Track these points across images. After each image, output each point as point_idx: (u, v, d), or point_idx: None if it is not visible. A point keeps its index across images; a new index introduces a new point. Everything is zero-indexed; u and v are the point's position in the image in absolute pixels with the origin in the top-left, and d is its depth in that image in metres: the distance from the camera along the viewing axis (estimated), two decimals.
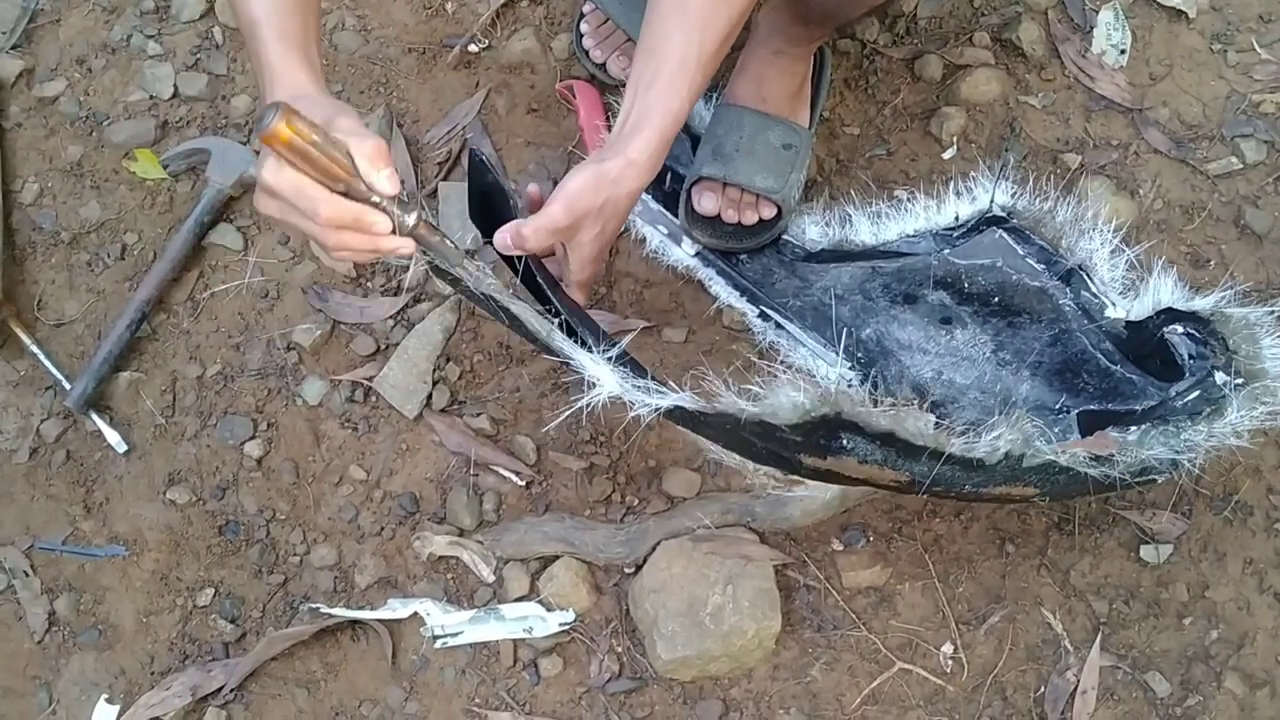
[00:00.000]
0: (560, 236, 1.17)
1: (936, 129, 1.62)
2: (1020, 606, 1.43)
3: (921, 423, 1.09)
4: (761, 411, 1.10)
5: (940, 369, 1.43)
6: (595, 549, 1.44)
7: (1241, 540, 1.44)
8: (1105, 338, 1.39)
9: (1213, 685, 1.39)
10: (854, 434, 1.13)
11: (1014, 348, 1.42)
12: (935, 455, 1.12)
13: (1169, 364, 1.31)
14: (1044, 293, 1.42)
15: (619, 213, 1.18)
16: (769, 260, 1.53)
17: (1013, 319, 1.43)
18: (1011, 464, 1.14)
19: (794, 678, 1.41)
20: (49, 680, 1.48)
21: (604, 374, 1.13)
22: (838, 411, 1.08)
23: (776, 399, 1.09)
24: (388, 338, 1.56)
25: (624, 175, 1.15)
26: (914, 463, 1.15)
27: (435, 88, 1.70)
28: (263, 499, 1.52)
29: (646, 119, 1.14)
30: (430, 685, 1.44)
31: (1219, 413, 1.21)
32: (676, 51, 1.13)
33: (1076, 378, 1.38)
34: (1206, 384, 1.25)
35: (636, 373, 1.15)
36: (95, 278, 1.63)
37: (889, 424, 1.09)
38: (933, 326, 1.45)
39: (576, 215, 1.15)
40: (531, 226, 1.15)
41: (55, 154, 1.70)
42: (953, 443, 1.11)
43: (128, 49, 1.75)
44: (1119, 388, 1.36)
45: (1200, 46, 1.66)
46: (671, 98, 1.14)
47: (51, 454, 1.56)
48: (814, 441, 1.16)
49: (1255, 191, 1.57)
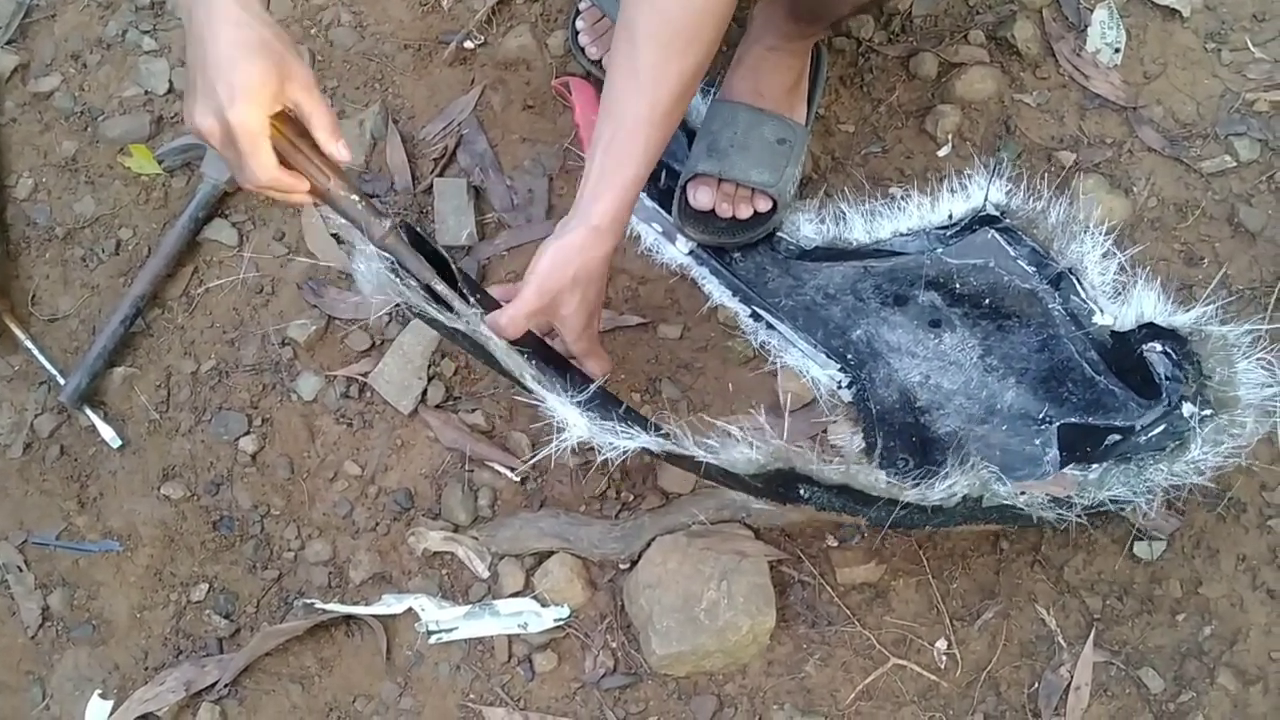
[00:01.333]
0: (541, 316, 1.20)
1: (931, 127, 1.62)
2: (1014, 603, 1.43)
3: (873, 477, 1.14)
4: (720, 461, 1.14)
5: (928, 373, 1.44)
6: (590, 545, 1.44)
7: (1235, 537, 1.44)
8: (1091, 346, 1.39)
9: (1206, 681, 1.40)
10: (810, 485, 1.18)
11: (1001, 353, 1.43)
12: (891, 502, 1.17)
13: (1148, 381, 1.32)
14: (1034, 296, 1.43)
15: (594, 278, 1.21)
16: (762, 258, 1.53)
17: (1002, 322, 1.44)
18: (970, 505, 1.18)
19: (788, 673, 1.41)
20: (42, 676, 1.47)
21: (573, 417, 1.15)
22: (791, 466, 1.13)
23: (730, 454, 1.14)
24: (383, 333, 1.56)
25: (589, 242, 1.18)
26: (871, 509, 1.20)
27: (431, 84, 1.70)
28: (257, 494, 1.51)
29: (606, 183, 1.17)
30: (425, 681, 1.44)
31: (1182, 449, 1.22)
32: (630, 113, 1.16)
33: (1061, 386, 1.39)
34: (1172, 417, 1.26)
35: (608, 409, 1.18)
36: (90, 273, 1.63)
37: (841, 478, 1.14)
38: (922, 330, 1.46)
39: (550, 294, 1.18)
40: (507, 316, 1.17)
41: (50, 149, 1.70)
42: (907, 493, 1.15)
43: (123, 44, 1.74)
44: (1102, 400, 1.36)
45: (1194, 45, 1.66)
46: (629, 161, 1.17)
47: (45, 449, 1.55)
48: (774, 490, 1.21)
49: (1249, 190, 1.58)
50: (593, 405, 1.17)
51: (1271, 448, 1.46)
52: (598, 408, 1.17)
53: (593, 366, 1.29)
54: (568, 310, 1.20)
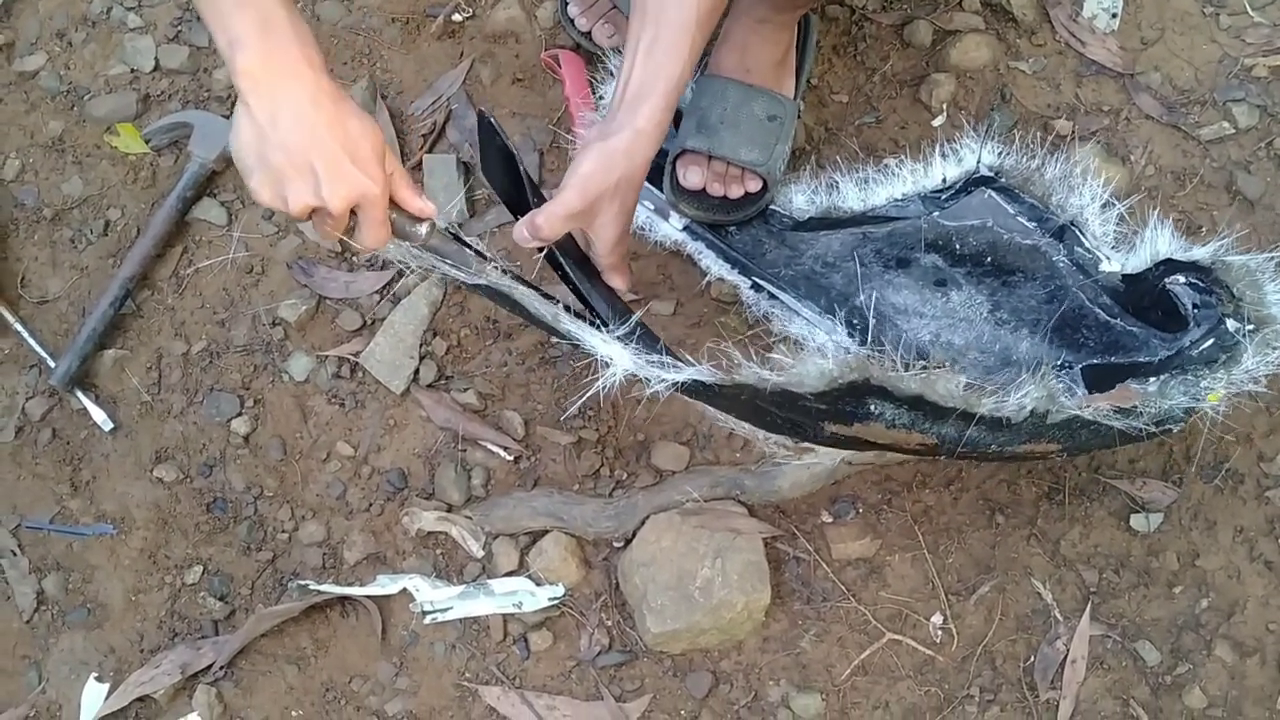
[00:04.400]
0: (578, 222, 1.16)
1: (926, 96, 1.60)
2: (1010, 577, 1.42)
3: (952, 384, 1.08)
4: (786, 381, 1.09)
5: (938, 331, 1.42)
6: (584, 523, 1.44)
7: (1232, 508, 1.43)
8: (1102, 292, 1.37)
9: (1203, 653, 1.39)
10: (881, 399, 1.11)
11: (1010, 306, 1.41)
12: (963, 417, 1.11)
13: (1171, 314, 1.29)
14: (1037, 250, 1.41)
15: (634, 186, 1.17)
16: (757, 231, 1.51)
17: (1007, 278, 1.42)
18: (1036, 421, 1.13)
19: (784, 649, 1.41)
20: (38, 659, 1.48)
21: (616, 353, 1.12)
22: (866, 377, 1.07)
23: (804, 368, 1.08)
24: (374, 312, 1.55)
25: (634, 147, 1.14)
26: (941, 425, 1.14)
27: (419, 58, 1.68)
28: (250, 476, 1.51)
29: (650, 85, 1.13)
30: (420, 660, 1.44)
31: (1234, 360, 1.20)
32: (674, 13, 1.12)
33: (1076, 333, 1.37)
34: (1219, 332, 1.24)
35: (649, 345, 1.14)
36: (78, 254, 1.62)
37: (919, 387, 1.07)
38: (928, 289, 1.44)
39: (591, 197, 1.14)
40: (545, 214, 1.14)
41: (36, 129, 1.68)
42: (983, 403, 1.10)
43: (108, 22, 1.72)
44: (1120, 340, 1.34)
45: (1192, 10, 1.63)
46: (674, 62, 1.13)
47: (37, 432, 1.55)
48: (840, 409, 1.14)
49: (1247, 157, 1.56)
50: (637, 336, 1.13)
51: (1269, 418, 1.45)
52: (642, 337, 1.14)
53: (618, 282, 1.25)
54: (605, 217, 1.17)
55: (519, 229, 1.16)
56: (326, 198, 1.01)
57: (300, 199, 1.02)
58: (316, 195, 1.02)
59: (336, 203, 1.02)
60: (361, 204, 1.04)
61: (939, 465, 1.45)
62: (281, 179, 1.02)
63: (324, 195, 1.01)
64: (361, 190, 1.03)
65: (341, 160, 1.01)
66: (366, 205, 1.04)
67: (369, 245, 1.08)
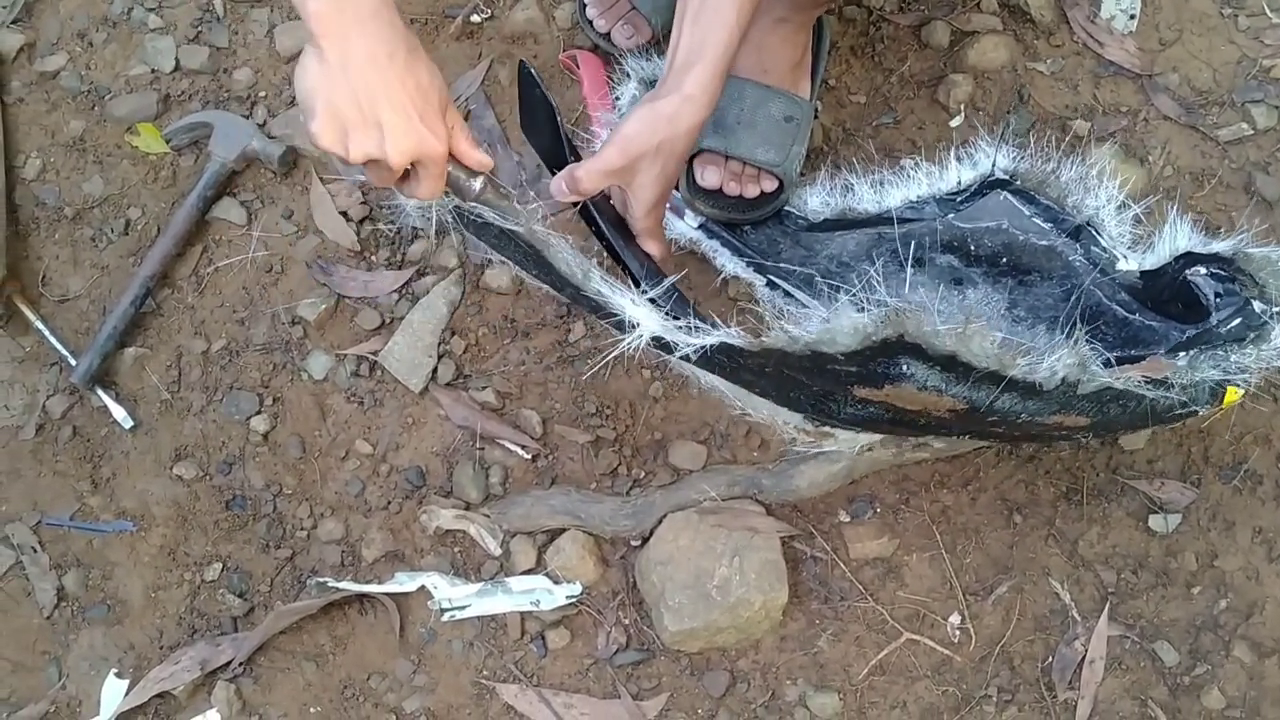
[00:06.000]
0: (617, 179, 1.16)
1: (944, 97, 1.60)
2: (1028, 577, 1.42)
3: (987, 342, 1.05)
4: (819, 339, 1.07)
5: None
6: (602, 522, 1.44)
7: (1251, 509, 1.43)
8: (1120, 289, 1.37)
9: (1221, 654, 1.39)
10: (914, 358, 1.09)
11: (1028, 304, 1.41)
12: (995, 379, 1.09)
13: (1191, 306, 1.28)
14: (1053, 250, 1.41)
15: (677, 152, 1.16)
16: (773, 231, 1.51)
17: (1023, 277, 1.42)
18: (1067, 390, 1.12)
19: (801, 649, 1.41)
20: (59, 655, 1.48)
21: (643, 315, 1.11)
22: (900, 333, 1.05)
23: (837, 323, 1.06)
24: (392, 311, 1.55)
25: (680, 112, 1.13)
26: (974, 389, 1.12)
27: (438, 59, 1.66)
28: (269, 474, 1.52)
29: (700, 52, 1.13)
30: (438, 658, 1.44)
31: (1263, 338, 1.20)
32: None
33: (1094, 329, 1.36)
34: (1246, 312, 1.23)
35: (681, 311, 1.14)
36: (99, 253, 1.63)
37: (954, 344, 1.05)
38: (945, 287, 1.44)
39: (632, 156, 1.13)
40: (585, 169, 1.14)
41: (57, 129, 1.69)
42: (1017, 363, 1.07)
43: (129, 22, 1.73)
44: (1139, 335, 1.34)
45: (1210, 11, 1.63)
46: (723, 28, 1.12)
47: (58, 430, 1.56)
48: (871, 369, 1.12)
49: (1266, 158, 1.56)
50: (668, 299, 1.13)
51: None
52: (674, 301, 1.14)
53: (652, 247, 1.24)
54: (645, 179, 1.16)
55: (557, 182, 1.16)
56: (389, 152, 1.00)
57: (362, 149, 1.00)
58: (380, 148, 1.00)
59: (398, 159, 1.01)
60: (422, 160, 1.03)
61: (957, 465, 1.45)
62: (346, 126, 1.00)
63: (387, 149, 1.00)
64: (426, 149, 1.02)
65: (410, 115, 1.00)
66: (428, 162, 1.03)
67: (422, 197, 1.07)
